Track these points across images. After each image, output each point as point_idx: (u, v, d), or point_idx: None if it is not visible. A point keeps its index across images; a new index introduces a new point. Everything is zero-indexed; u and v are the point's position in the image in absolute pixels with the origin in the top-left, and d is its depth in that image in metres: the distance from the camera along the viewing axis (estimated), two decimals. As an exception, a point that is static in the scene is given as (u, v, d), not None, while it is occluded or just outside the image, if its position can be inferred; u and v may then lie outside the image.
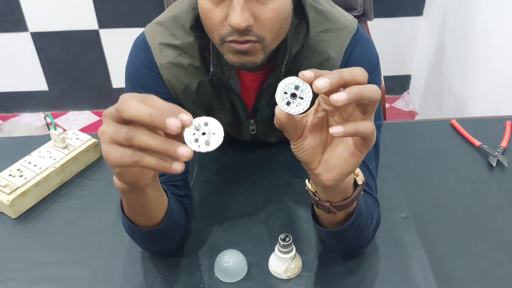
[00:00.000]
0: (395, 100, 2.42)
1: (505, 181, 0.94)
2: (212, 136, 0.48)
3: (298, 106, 0.50)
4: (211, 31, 0.69)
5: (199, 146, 0.48)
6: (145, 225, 0.68)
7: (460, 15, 1.82)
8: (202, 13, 0.68)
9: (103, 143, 0.49)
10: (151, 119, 0.45)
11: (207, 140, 0.48)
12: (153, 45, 0.78)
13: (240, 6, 0.63)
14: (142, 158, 0.48)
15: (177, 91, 0.80)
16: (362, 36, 0.79)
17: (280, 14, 0.67)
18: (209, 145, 0.48)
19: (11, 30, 2.13)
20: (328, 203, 0.62)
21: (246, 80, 0.81)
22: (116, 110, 0.46)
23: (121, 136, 0.47)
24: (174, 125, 0.45)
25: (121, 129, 0.47)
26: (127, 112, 0.46)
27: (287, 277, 0.76)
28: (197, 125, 0.48)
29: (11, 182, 0.88)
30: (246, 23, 0.64)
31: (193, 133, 0.48)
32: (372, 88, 0.48)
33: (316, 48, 0.78)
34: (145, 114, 0.45)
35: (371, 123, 0.51)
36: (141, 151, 0.48)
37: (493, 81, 1.59)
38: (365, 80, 0.48)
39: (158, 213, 0.68)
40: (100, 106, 2.41)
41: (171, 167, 0.48)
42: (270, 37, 0.68)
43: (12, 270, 0.78)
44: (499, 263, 0.78)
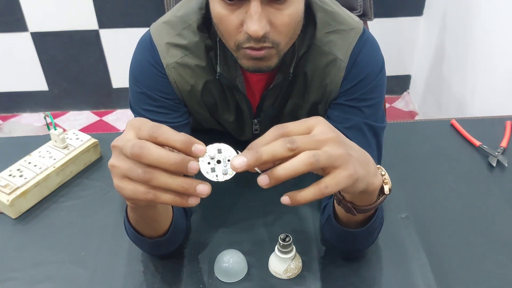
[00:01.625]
0: (395, 100, 2.42)
1: (505, 181, 0.94)
2: (228, 163, 0.48)
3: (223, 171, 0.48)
4: (226, 37, 0.69)
5: (217, 176, 0.48)
6: (151, 236, 0.68)
7: (460, 15, 1.82)
8: (217, 19, 0.68)
9: (114, 177, 0.50)
10: (174, 167, 0.45)
11: (225, 169, 0.48)
12: (160, 45, 0.77)
13: (258, 15, 0.62)
14: (157, 196, 0.48)
15: (183, 91, 0.80)
16: (368, 38, 0.79)
17: (295, 18, 0.67)
18: (227, 174, 0.48)
19: (11, 30, 2.13)
20: (351, 204, 0.61)
21: (252, 80, 0.81)
22: (135, 155, 0.46)
23: (135, 175, 0.47)
24: (195, 169, 0.46)
25: (135, 169, 0.47)
26: (148, 159, 0.46)
27: (287, 277, 0.76)
28: (212, 154, 0.48)
29: (11, 182, 0.88)
30: (264, 31, 0.63)
31: (208, 162, 0.48)
32: (295, 163, 0.46)
33: (323, 49, 0.77)
34: (168, 161, 0.45)
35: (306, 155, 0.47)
36: (156, 189, 0.48)
37: (493, 81, 1.59)
38: (286, 152, 0.46)
39: (165, 224, 0.68)
40: (100, 106, 2.41)
41: (187, 202, 0.49)
42: (284, 41, 0.68)
43: (12, 270, 0.78)
44: (499, 263, 0.78)
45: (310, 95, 0.82)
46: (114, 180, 0.50)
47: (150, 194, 0.48)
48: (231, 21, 0.65)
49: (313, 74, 0.79)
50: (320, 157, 0.47)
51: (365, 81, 0.78)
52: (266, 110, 0.85)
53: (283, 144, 0.46)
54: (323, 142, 0.48)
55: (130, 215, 0.65)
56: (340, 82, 0.78)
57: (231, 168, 0.47)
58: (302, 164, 0.46)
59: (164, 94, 0.79)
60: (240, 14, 0.65)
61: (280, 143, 0.46)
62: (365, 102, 0.79)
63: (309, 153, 0.46)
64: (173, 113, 0.81)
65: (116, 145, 0.49)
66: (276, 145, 0.46)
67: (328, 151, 0.48)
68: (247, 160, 0.45)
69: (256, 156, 0.46)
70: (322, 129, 0.49)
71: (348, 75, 0.78)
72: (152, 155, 0.45)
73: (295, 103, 0.84)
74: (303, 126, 0.49)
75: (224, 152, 0.49)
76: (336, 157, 0.48)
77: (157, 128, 0.47)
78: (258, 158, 0.46)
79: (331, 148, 0.48)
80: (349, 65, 0.77)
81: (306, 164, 0.46)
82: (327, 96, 0.81)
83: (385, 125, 0.83)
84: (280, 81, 0.78)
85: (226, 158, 0.48)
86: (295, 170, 0.46)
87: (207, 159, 0.48)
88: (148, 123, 0.48)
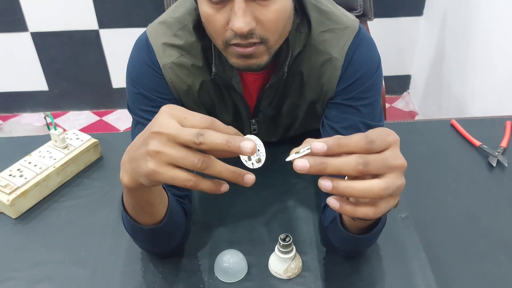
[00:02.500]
0: (395, 100, 2.42)
1: (505, 181, 0.94)
2: (258, 153, 0.53)
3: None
4: (214, 36, 0.70)
5: (253, 163, 0.53)
6: (147, 223, 0.68)
7: (460, 15, 1.82)
8: (204, 19, 0.69)
9: (154, 162, 0.49)
10: (227, 146, 0.46)
11: (259, 157, 0.53)
12: (156, 45, 0.78)
13: (241, 11, 0.63)
14: (197, 183, 0.49)
15: (180, 91, 0.80)
16: (364, 36, 0.79)
17: (282, 14, 0.67)
18: (260, 162, 0.53)
19: (11, 30, 2.13)
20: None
21: (248, 80, 0.81)
22: (197, 143, 0.47)
23: (190, 163, 0.48)
24: (249, 147, 0.47)
25: (191, 157, 0.48)
26: (208, 144, 0.47)
27: (287, 277, 0.76)
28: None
29: (11, 182, 0.88)
30: (249, 27, 0.64)
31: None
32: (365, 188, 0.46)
33: (318, 48, 0.77)
34: (223, 142, 0.47)
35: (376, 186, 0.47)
36: (197, 176, 0.49)
37: (493, 81, 1.59)
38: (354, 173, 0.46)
39: (161, 209, 0.67)
40: (100, 106, 2.41)
41: (220, 190, 0.51)
42: (273, 38, 0.68)
43: (12, 270, 0.78)
44: (499, 263, 0.78)
45: (306, 95, 0.82)
46: (151, 165, 0.49)
47: (191, 182, 0.49)
48: (218, 20, 0.66)
49: (309, 74, 0.79)
50: (390, 190, 0.47)
51: (361, 80, 0.78)
52: (263, 110, 0.85)
53: (355, 165, 0.45)
54: (392, 169, 0.48)
55: (126, 202, 0.65)
56: (336, 81, 0.78)
57: (263, 159, 0.53)
58: (371, 194, 0.46)
59: (161, 95, 0.79)
60: (225, 13, 0.65)
61: (353, 164, 0.45)
62: (362, 101, 0.79)
63: (382, 184, 0.46)
64: None
65: (162, 132, 0.48)
66: (347, 163, 0.46)
67: (395, 183, 0.47)
68: (309, 167, 0.46)
69: (320, 167, 0.46)
70: (395, 153, 0.48)
71: (344, 74, 0.78)
72: (212, 138, 0.47)
73: (292, 102, 0.84)
74: (384, 144, 0.48)
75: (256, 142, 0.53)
76: (398, 189, 0.48)
77: (211, 120, 0.49)
78: (321, 170, 0.46)
79: (397, 176, 0.48)
80: (345, 64, 0.77)
81: (376, 194, 0.47)
82: (324, 95, 0.81)
83: (382, 123, 0.83)
84: (275, 81, 0.78)
85: (257, 148, 0.52)
86: (362, 194, 0.46)
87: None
88: (196, 114, 0.49)
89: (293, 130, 0.93)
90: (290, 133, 0.95)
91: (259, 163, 0.53)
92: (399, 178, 0.48)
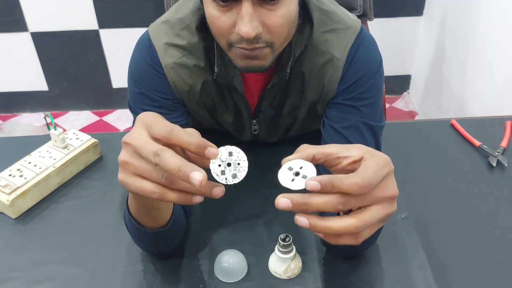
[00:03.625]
0: (395, 100, 2.42)
1: (505, 181, 0.94)
2: (237, 167, 0.49)
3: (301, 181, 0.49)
4: (218, 37, 0.69)
5: (226, 178, 0.49)
6: (152, 227, 0.68)
7: (460, 15, 1.82)
8: (209, 20, 0.68)
9: (123, 173, 0.50)
10: (178, 174, 0.45)
11: (234, 173, 0.48)
12: (158, 45, 0.77)
13: (249, 16, 0.63)
14: (164, 195, 0.49)
15: (181, 91, 0.80)
16: (366, 36, 0.79)
17: (288, 19, 0.67)
18: (236, 178, 0.49)
19: (11, 30, 2.13)
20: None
21: (249, 81, 0.81)
22: (154, 163, 0.46)
23: (155, 178, 0.48)
24: (197, 180, 0.45)
25: (155, 173, 0.48)
26: (163, 166, 0.46)
27: (287, 277, 0.76)
28: (223, 158, 0.49)
29: (11, 182, 0.88)
30: (255, 32, 0.64)
31: (218, 165, 0.49)
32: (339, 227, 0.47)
33: (319, 48, 0.77)
34: (174, 168, 0.46)
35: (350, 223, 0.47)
36: (164, 188, 0.49)
37: (493, 81, 1.59)
38: (334, 211, 0.47)
39: (166, 213, 0.68)
40: (100, 106, 2.41)
41: (191, 201, 0.50)
42: (279, 41, 0.68)
43: (12, 270, 0.78)
44: (499, 263, 0.78)
45: (307, 95, 0.82)
46: (121, 175, 0.50)
47: (156, 194, 0.49)
48: (224, 22, 0.66)
49: (310, 74, 0.79)
50: (369, 224, 0.47)
51: (362, 80, 0.78)
52: (264, 110, 0.85)
53: (336, 204, 0.46)
54: (378, 201, 0.48)
55: (132, 205, 0.65)
56: (338, 81, 0.78)
57: (242, 175, 0.48)
58: (347, 231, 0.47)
59: (163, 95, 0.79)
60: (232, 15, 0.65)
61: (334, 203, 0.46)
62: (363, 101, 0.79)
63: (357, 223, 0.47)
64: (172, 113, 0.81)
65: (129, 143, 0.49)
66: (328, 203, 0.46)
67: (377, 215, 0.48)
68: (291, 207, 0.46)
69: (303, 208, 0.46)
70: (386, 185, 0.49)
71: (345, 74, 0.78)
72: (170, 166, 0.46)
73: (293, 103, 0.84)
74: (379, 180, 0.48)
75: (235, 155, 0.49)
76: (385, 217, 0.49)
77: (170, 130, 0.48)
78: (303, 210, 0.46)
79: (383, 207, 0.48)
80: (346, 64, 0.77)
81: (352, 232, 0.47)
82: (325, 95, 0.81)
83: (383, 124, 0.83)
84: (277, 81, 0.78)
85: (236, 161, 0.49)
86: (339, 233, 0.47)
87: (217, 162, 0.49)
88: (160, 123, 0.49)
89: (294, 131, 0.93)
90: (290, 134, 0.95)
91: (235, 179, 0.49)
92: (386, 208, 0.49)
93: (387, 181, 0.49)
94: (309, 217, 0.47)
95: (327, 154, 0.51)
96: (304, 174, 0.48)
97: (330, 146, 0.52)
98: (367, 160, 0.49)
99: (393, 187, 0.50)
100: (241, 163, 0.49)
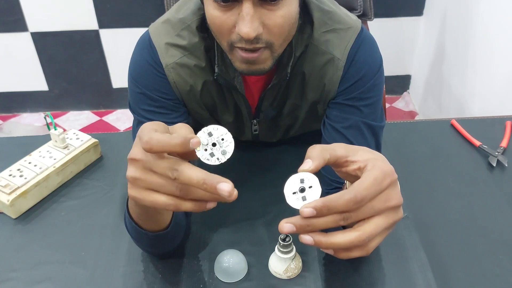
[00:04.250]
0: (395, 100, 2.42)
1: (505, 181, 0.94)
2: (222, 143, 0.49)
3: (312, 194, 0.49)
4: (219, 37, 0.70)
5: (218, 158, 0.49)
6: (153, 229, 0.68)
7: (460, 15, 1.82)
8: (209, 20, 0.68)
9: (134, 189, 0.51)
10: (204, 187, 0.47)
11: (223, 149, 0.48)
12: (159, 45, 0.77)
13: (249, 16, 0.63)
14: (179, 206, 0.50)
15: (182, 91, 0.80)
16: (366, 36, 0.79)
17: (289, 19, 0.67)
18: (226, 153, 0.49)
19: (11, 30, 2.13)
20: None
21: (250, 81, 0.81)
22: (172, 178, 0.48)
23: (169, 191, 0.49)
24: (226, 190, 0.48)
25: (170, 186, 0.49)
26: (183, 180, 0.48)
27: (287, 277, 0.76)
28: (205, 141, 0.48)
29: (11, 182, 0.88)
30: (256, 33, 0.64)
31: (204, 149, 0.49)
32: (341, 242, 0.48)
33: (320, 48, 0.77)
34: (199, 181, 0.47)
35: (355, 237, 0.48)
36: (178, 199, 0.50)
37: (493, 81, 1.59)
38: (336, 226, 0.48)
39: (167, 216, 0.68)
40: (100, 106, 2.41)
41: (205, 207, 0.51)
42: (278, 42, 0.68)
43: (12, 270, 0.78)
44: (499, 263, 0.78)
45: (308, 95, 0.82)
46: (132, 191, 0.51)
47: (171, 206, 0.50)
48: (224, 22, 0.66)
49: (311, 74, 0.79)
50: (374, 235, 0.48)
51: (363, 80, 0.78)
52: (265, 110, 0.85)
53: (337, 221, 0.47)
54: (380, 211, 0.49)
55: (132, 209, 0.65)
56: (338, 81, 0.78)
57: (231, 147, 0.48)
58: (352, 245, 0.48)
59: (164, 94, 0.79)
60: (232, 16, 0.65)
61: (335, 221, 0.47)
62: (364, 101, 0.79)
63: (361, 236, 0.48)
64: (173, 113, 0.81)
65: (137, 159, 0.50)
66: (331, 221, 0.47)
67: (381, 225, 0.49)
68: (296, 229, 0.47)
69: (307, 229, 0.47)
70: (388, 195, 0.49)
71: (346, 74, 0.78)
72: (193, 181, 0.47)
73: (294, 103, 0.84)
74: (377, 192, 0.49)
75: (215, 133, 0.49)
76: (390, 226, 0.50)
77: (149, 139, 0.47)
78: (308, 231, 0.48)
79: (386, 217, 0.49)
80: (347, 64, 0.77)
81: (356, 244, 0.48)
82: (326, 95, 0.81)
83: (384, 124, 0.83)
84: (277, 81, 0.78)
85: (219, 138, 0.49)
86: (344, 247, 0.48)
87: (202, 147, 0.48)
88: (143, 135, 0.49)
89: (294, 131, 0.93)
90: (291, 134, 0.95)
91: (226, 154, 0.49)
92: (390, 217, 0.49)
93: (389, 192, 0.50)
94: (314, 235, 0.48)
95: (338, 157, 0.52)
96: (304, 196, 0.48)
97: (339, 147, 0.53)
98: (367, 171, 0.50)
99: (396, 197, 0.50)
100: (224, 137, 0.49)
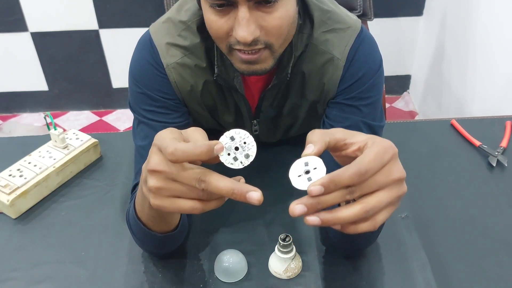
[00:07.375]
0: (395, 100, 2.42)
1: (505, 181, 0.94)
2: (245, 146, 0.49)
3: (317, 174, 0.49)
4: (217, 41, 0.70)
5: (242, 162, 0.49)
6: (163, 231, 0.68)
7: (460, 15, 1.82)
8: (207, 24, 0.69)
9: (158, 198, 0.51)
10: (233, 196, 0.49)
11: (246, 153, 0.49)
12: (159, 45, 0.77)
13: (245, 20, 0.63)
14: (205, 208, 0.52)
15: (183, 92, 0.80)
16: (366, 36, 0.79)
17: (286, 20, 0.67)
18: (249, 157, 0.49)
19: (11, 30, 2.13)
20: None
21: (250, 81, 0.81)
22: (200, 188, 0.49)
23: (196, 196, 0.51)
24: (256, 199, 0.49)
25: (195, 190, 0.50)
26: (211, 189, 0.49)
27: (287, 277, 0.76)
28: (228, 146, 0.49)
29: (11, 182, 0.88)
30: (253, 37, 0.64)
31: (228, 154, 0.49)
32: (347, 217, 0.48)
33: (320, 48, 0.77)
34: (228, 191, 0.49)
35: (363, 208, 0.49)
36: (203, 202, 0.51)
37: (493, 81, 1.59)
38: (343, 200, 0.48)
39: (177, 217, 0.69)
40: (100, 106, 2.41)
41: (223, 201, 0.53)
42: (278, 43, 0.68)
43: (12, 270, 0.78)
44: (499, 263, 0.78)
45: (308, 95, 0.82)
46: (155, 200, 0.52)
47: (198, 209, 0.51)
48: (221, 26, 0.66)
49: (311, 74, 0.79)
50: (377, 208, 0.49)
51: (362, 80, 0.78)
52: (265, 110, 0.85)
53: (344, 196, 0.48)
54: (384, 185, 0.49)
55: (142, 212, 0.65)
56: (338, 81, 0.78)
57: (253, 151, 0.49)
58: (357, 217, 0.48)
59: (164, 94, 0.79)
60: (229, 20, 0.65)
61: (342, 196, 0.48)
62: (363, 100, 0.79)
63: (366, 207, 0.48)
64: (173, 113, 0.81)
65: (159, 170, 0.50)
66: (338, 197, 0.48)
67: (385, 199, 0.49)
68: (307, 210, 0.47)
69: (318, 207, 0.48)
70: (390, 169, 0.50)
71: (345, 74, 0.78)
72: (223, 191, 0.49)
73: (294, 103, 0.84)
74: (379, 166, 0.49)
75: (237, 136, 0.50)
76: (396, 199, 0.50)
77: (175, 150, 0.48)
78: (318, 209, 0.48)
79: (390, 190, 0.49)
80: (347, 64, 0.77)
81: (363, 217, 0.48)
82: (325, 95, 0.81)
83: (383, 123, 0.83)
84: (278, 82, 0.78)
85: (242, 141, 0.49)
86: (350, 220, 0.48)
87: (226, 152, 0.49)
88: (166, 145, 0.49)
89: (294, 131, 0.93)
90: (291, 133, 0.95)
91: (249, 158, 0.49)
92: (395, 191, 0.49)
93: (391, 165, 0.50)
94: (319, 214, 0.48)
95: (337, 140, 0.52)
96: (310, 177, 0.48)
97: (338, 131, 0.53)
98: (368, 147, 0.50)
99: (398, 170, 0.50)
100: (246, 141, 0.49)
